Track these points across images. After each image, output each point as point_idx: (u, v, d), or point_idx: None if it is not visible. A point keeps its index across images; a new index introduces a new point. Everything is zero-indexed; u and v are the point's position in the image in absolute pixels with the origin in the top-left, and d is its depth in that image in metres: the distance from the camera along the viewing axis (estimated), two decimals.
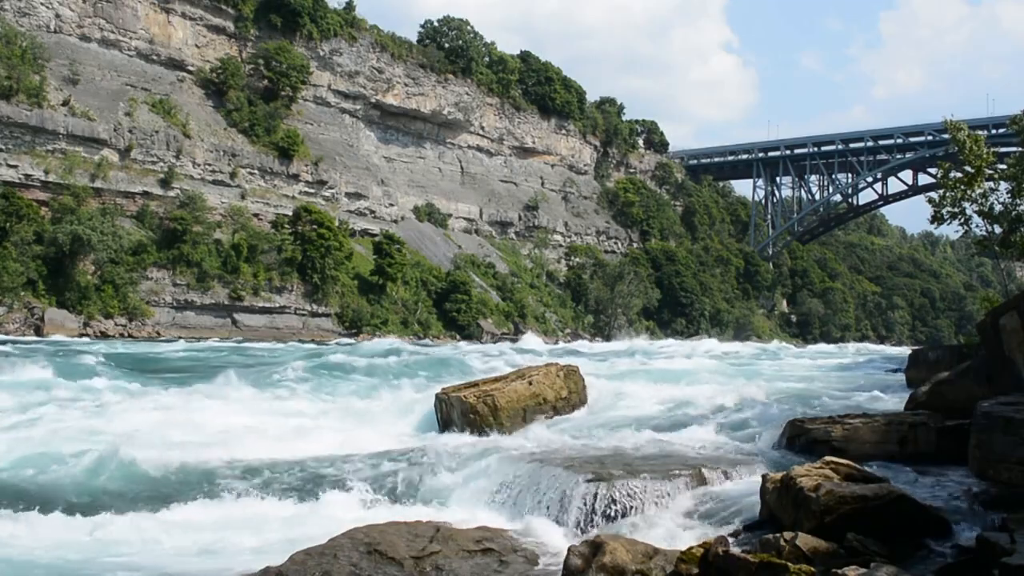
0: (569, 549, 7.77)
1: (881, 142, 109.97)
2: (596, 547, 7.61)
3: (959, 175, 23.48)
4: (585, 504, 9.83)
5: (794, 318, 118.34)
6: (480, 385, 17.03)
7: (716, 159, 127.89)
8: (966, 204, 22.97)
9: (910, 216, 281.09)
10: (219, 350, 41.59)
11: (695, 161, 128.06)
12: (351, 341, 59.88)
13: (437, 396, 16.96)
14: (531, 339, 68.75)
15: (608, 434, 14.93)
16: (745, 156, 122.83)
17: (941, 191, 24.30)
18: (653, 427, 15.47)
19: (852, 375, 30.13)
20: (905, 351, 53.41)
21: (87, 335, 51.66)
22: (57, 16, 63.79)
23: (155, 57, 70.04)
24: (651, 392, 21.06)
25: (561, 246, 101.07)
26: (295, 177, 74.48)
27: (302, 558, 8.38)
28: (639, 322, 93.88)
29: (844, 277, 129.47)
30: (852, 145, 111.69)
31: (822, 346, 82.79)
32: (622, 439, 14.33)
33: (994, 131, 72.09)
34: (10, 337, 45.69)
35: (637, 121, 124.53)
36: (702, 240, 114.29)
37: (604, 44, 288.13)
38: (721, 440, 14.07)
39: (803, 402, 19.16)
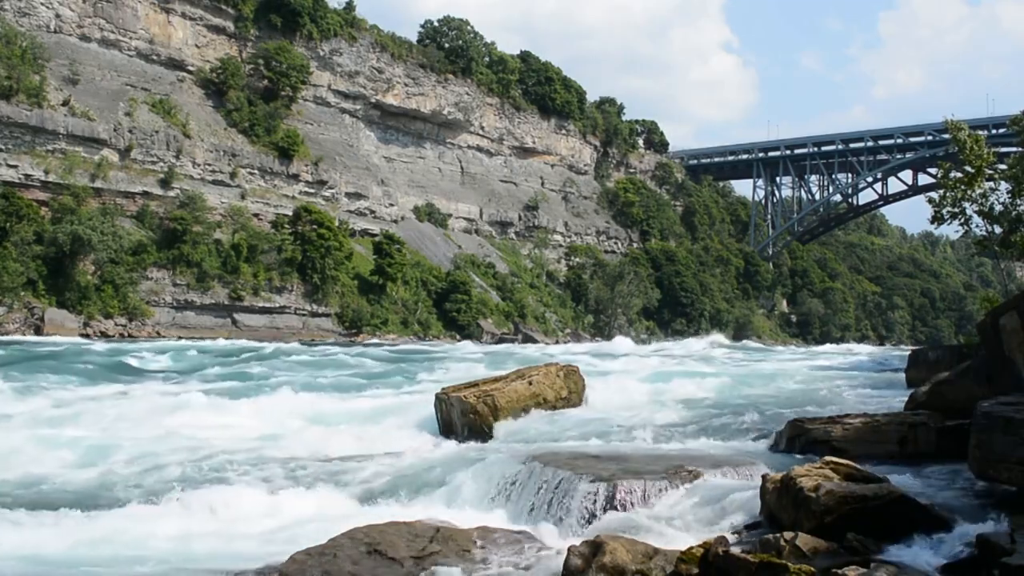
0: (569, 549, 7.77)
1: (881, 142, 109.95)
2: (596, 547, 7.61)
3: (959, 175, 23.50)
4: (585, 504, 9.83)
5: (794, 318, 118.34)
6: (480, 385, 17.04)
7: (716, 159, 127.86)
8: (966, 204, 22.99)
9: (910, 216, 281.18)
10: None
11: (695, 161, 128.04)
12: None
13: (437, 396, 16.97)
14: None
15: (608, 434, 14.92)
16: (745, 156, 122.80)
17: (941, 191, 24.32)
18: (653, 427, 15.46)
19: (852, 375, 30.11)
20: (867, 351, 51.14)
21: (87, 335, 51.67)
22: (57, 16, 63.78)
23: (155, 57, 70.04)
24: (651, 392, 21.07)
25: (561, 246, 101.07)
26: (295, 177, 74.48)
27: (302, 558, 8.39)
28: (639, 322, 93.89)
29: (844, 277, 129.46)
30: (852, 145, 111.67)
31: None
32: (622, 439, 14.34)
33: (994, 131, 72.08)
34: (10, 337, 45.70)
35: (637, 121, 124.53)
36: (702, 240, 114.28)
37: (604, 44, 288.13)
38: (721, 440, 14.07)
39: (803, 402, 19.17)
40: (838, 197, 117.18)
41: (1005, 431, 8.28)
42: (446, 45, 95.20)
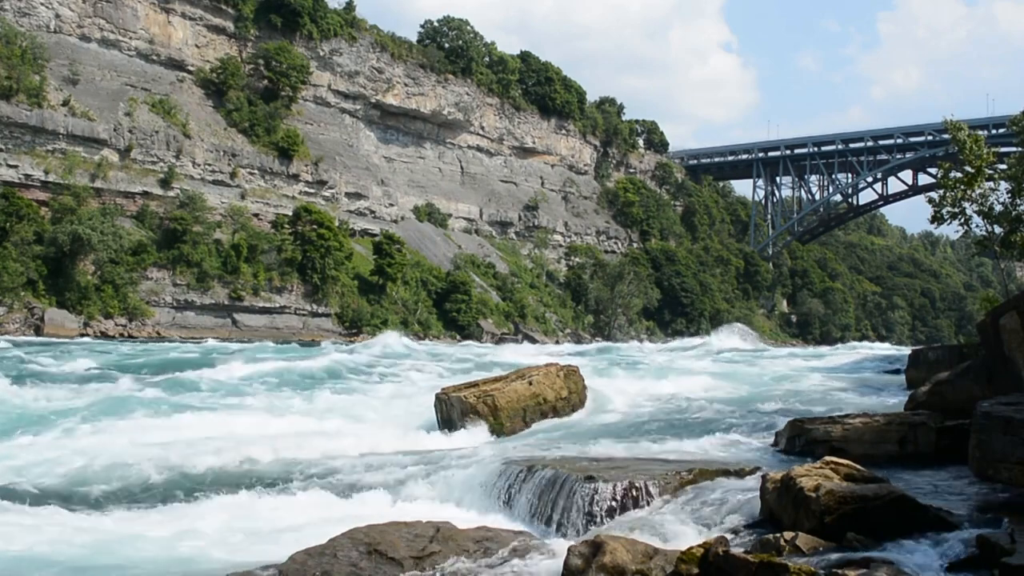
0: (569, 549, 7.76)
1: (881, 142, 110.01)
2: (596, 547, 7.60)
3: (959, 175, 23.44)
4: (585, 504, 9.82)
5: (794, 318, 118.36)
6: (480, 385, 17.03)
7: (716, 159, 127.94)
8: (966, 204, 22.93)
9: (910, 216, 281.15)
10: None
11: (695, 161, 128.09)
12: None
13: (437, 396, 16.96)
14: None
15: (608, 434, 14.92)
16: (745, 156, 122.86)
17: (941, 191, 24.26)
18: (653, 426, 15.46)
19: (852, 375, 30.10)
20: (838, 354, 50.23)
21: (87, 335, 51.66)
22: (57, 16, 63.81)
23: (155, 57, 70.06)
24: (651, 392, 21.08)
25: (561, 246, 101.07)
26: (295, 177, 74.49)
27: (302, 558, 8.37)
28: (639, 322, 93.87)
29: (844, 277, 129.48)
30: (852, 145, 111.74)
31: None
32: (622, 439, 14.33)
33: (994, 131, 72.08)
34: (10, 337, 45.65)
35: (637, 121, 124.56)
36: (702, 240, 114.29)
37: (602, 44, 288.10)
38: (720, 440, 14.06)
39: (803, 402, 19.17)
40: (838, 197, 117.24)
41: (1005, 431, 8.28)
42: (446, 45, 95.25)
